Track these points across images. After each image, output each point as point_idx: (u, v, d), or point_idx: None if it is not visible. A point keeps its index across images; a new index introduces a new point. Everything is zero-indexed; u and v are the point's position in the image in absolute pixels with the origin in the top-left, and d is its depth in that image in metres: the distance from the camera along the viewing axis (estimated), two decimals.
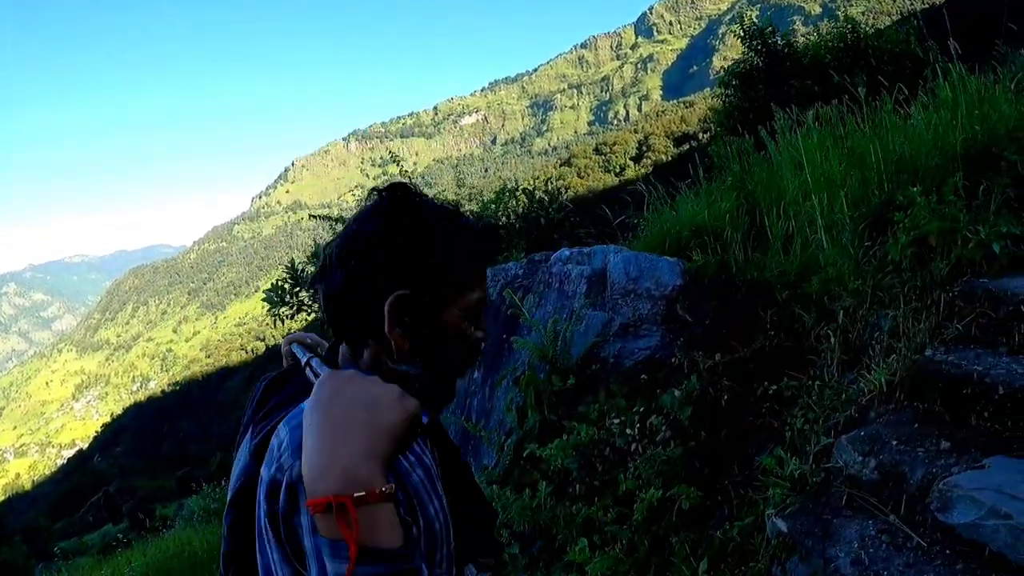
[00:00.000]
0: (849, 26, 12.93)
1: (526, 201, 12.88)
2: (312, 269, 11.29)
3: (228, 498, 1.50)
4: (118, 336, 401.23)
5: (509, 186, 13.22)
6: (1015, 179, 4.67)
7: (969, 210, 4.54)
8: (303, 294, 11.58)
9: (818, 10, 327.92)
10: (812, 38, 13.77)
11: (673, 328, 5.63)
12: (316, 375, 1.47)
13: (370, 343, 1.49)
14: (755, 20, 13.88)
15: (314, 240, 13.11)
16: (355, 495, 1.11)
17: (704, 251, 6.39)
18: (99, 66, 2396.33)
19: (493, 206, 12.62)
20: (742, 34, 13.51)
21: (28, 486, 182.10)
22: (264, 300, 11.95)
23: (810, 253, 5.42)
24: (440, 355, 1.51)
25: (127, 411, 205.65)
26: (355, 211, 1.58)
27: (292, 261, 11.98)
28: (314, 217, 12.85)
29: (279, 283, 11.82)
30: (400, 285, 1.42)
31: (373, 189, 1.54)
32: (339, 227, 11.53)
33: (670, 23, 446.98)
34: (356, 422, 1.19)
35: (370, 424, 1.19)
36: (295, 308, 11.71)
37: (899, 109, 6.63)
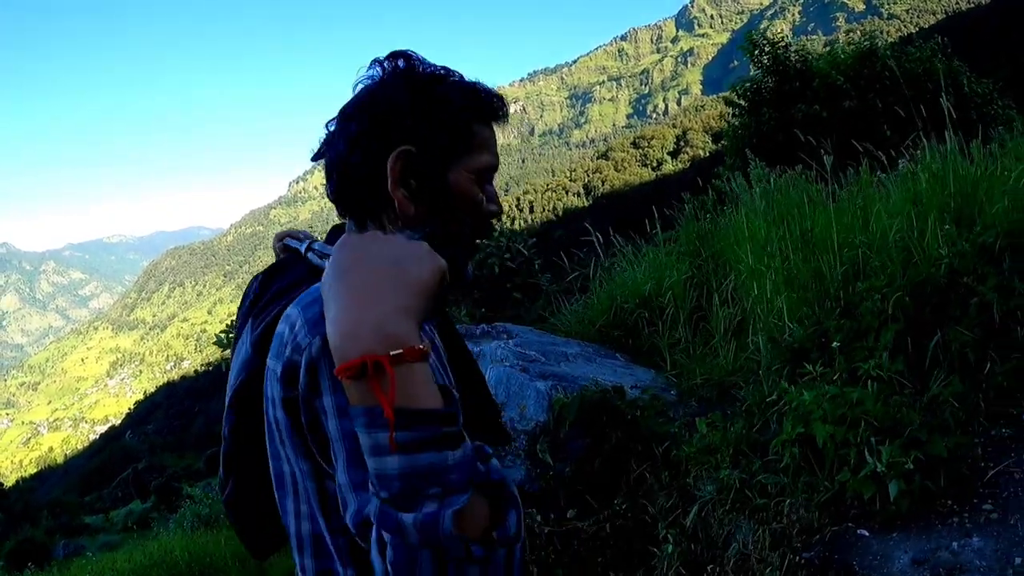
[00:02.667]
0: (866, 44, 12.11)
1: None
2: None
3: (227, 398, 1.45)
4: (154, 316, 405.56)
5: None
6: (983, 328, 3.86)
7: (909, 377, 3.87)
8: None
9: (862, 6, 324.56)
10: (826, 54, 12.79)
11: (539, 464, 4.88)
12: (322, 255, 1.40)
13: (376, 216, 1.40)
14: (765, 36, 12.72)
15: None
16: (391, 353, 1.00)
17: (645, 329, 6.09)
18: (149, 56, 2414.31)
19: None
20: (750, 48, 12.53)
21: (60, 460, 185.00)
22: (215, 344, 11.28)
23: (743, 362, 4.95)
24: (447, 219, 1.40)
25: (160, 389, 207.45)
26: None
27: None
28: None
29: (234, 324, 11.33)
30: (403, 141, 1.33)
31: (374, 59, 1.46)
32: None
33: (711, 17, 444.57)
34: (385, 278, 1.08)
35: (401, 279, 1.09)
36: None
37: (904, 155, 6.24)
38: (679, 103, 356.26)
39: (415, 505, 1.00)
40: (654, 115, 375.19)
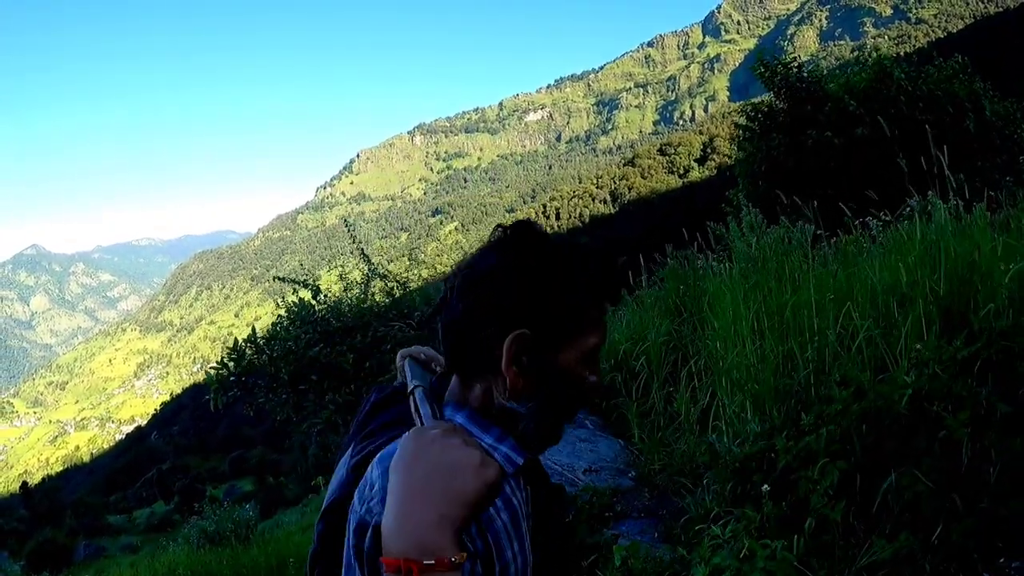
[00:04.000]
0: (881, 66, 11.59)
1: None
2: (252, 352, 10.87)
3: (323, 505, 1.53)
4: (181, 318, 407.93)
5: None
6: (947, 472, 3.28)
7: (856, 523, 3.39)
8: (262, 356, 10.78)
9: (889, 11, 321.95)
10: (839, 76, 12.30)
11: None
12: (417, 408, 1.47)
13: (483, 378, 1.44)
14: (776, 57, 12.40)
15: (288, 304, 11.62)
16: (424, 562, 1.16)
17: (622, 393, 5.81)
18: (181, 61, 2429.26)
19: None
20: (760, 70, 12.20)
21: (87, 459, 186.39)
22: (209, 385, 11.20)
23: (702, 455, 4.56)
24: (552, 397, 1.44)
25: (186, 391, 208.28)
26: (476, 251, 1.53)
27: (235, 340, 11.30)
28: (280, 279, 12.14)
29: (223, 362, 11.19)
30: (521, 324, 1.37)
31: (497, 226, 1.51)
32: (303, 291, 11.18)
33: (738, 23, 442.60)
34: (434, 487, 1.22)
35: (446, 491, 1.22)
36: (235, 394, 11.02)
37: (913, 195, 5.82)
38: (706, 109, 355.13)
39: None
40: (681, 122, 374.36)
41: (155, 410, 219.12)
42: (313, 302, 10.89)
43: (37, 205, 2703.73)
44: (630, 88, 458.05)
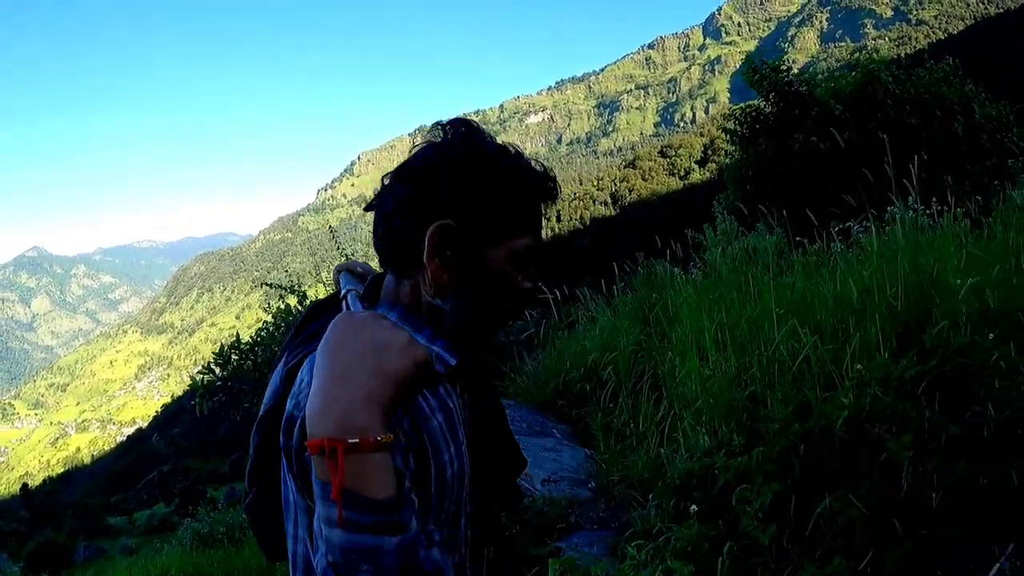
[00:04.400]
0: (870, 70, 11.36)
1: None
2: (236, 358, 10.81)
3: (258, 417, 1.53)
4: (182, 320, 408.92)
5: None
6: (886, 495, 3.15)
7: (790, 545, 3.25)
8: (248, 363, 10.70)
9: (889, 13, 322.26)
10: (827, 80, 12.09)
11: None
12: (349, 308, 1.47)
13: (413, 274, 1.44)
14: (765, 61, 12.07)
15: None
16: (348, 441, 1.12)
17: (591, 402, 5.72)
18: (182, 67, 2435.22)
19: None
20: (751, 75, 11.99)
21: (87, 460, 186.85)
22: (190, 384, 11.30)
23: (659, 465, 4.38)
24: (477, 293, 1.42)
25: (187, 393, 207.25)
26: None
27: (221, 346, 11.20)
28: (268, 285, 11.96)
29: (208, 367, 11.11)
30: (444, 215, 1.36)
31: (436, 123, 1.50)
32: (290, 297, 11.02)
33: (738, 24, 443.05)
34: (361, 367, 1.20)
35: (375, 369, 1.20)
36: (220, 399, 10.84)
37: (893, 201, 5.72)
38: (707, 111, 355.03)
39: (350, 575, 1.13)
40: (682, 124, 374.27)
41: (156, 412, 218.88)
42: (299, 308, 10.80)
43: (38, 207, 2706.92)
44: (631, 90, 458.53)
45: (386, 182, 1.47)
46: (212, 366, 10.86)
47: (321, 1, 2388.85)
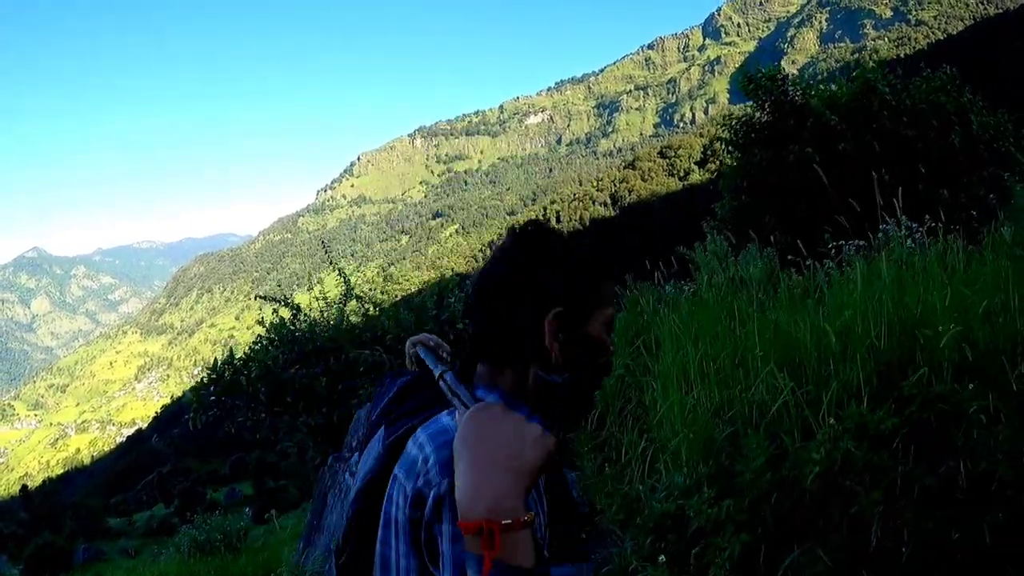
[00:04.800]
0: (866, 79, 11.09)
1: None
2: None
3: (357, 487, 1.71)
4: (182, 321, 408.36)
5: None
6: (855, 549, 3.10)
7: None
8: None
9: (889, 14, 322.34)
10: (823, 90, 11.74)
11: None
12: (452, 391, 1.61)
13: (515, 362, 1.63)
14: (761, 69, 11.80)
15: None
16: (502, 522, 1.28)
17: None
18: (182, 69, 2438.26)
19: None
20: (746, 84, 11.80)
21: (87, 461, 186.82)
22: (188, 404, 11.24)
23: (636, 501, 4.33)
24: (587, 363, 1.65)
25: (187, 394, 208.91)
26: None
27: (215, 360, 11.24)
28: (262, 298, 11.75)
29: (203, 381, 11.11)
30: (554, 304, 1.57)
31: (511, 227, 1.70)
32: (281, 308, 11.20)
33: (738, 25, 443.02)
34: (504, 459, 1.36)
35: (516, 461, 1.36)
36: (215, 413, 10.87)
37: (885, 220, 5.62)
38: (706, 112, 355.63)
39: None
40: (681, 124, 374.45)
41: (156, 413, 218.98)
42: (292, 322, 10.78)
43: (38, 208, 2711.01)
44: (630, 91, 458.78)
45: (479, 285, 1.66)
46: (206, 380, 10.85)
47: (321, 1, 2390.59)
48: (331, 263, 12.05)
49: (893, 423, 3.27)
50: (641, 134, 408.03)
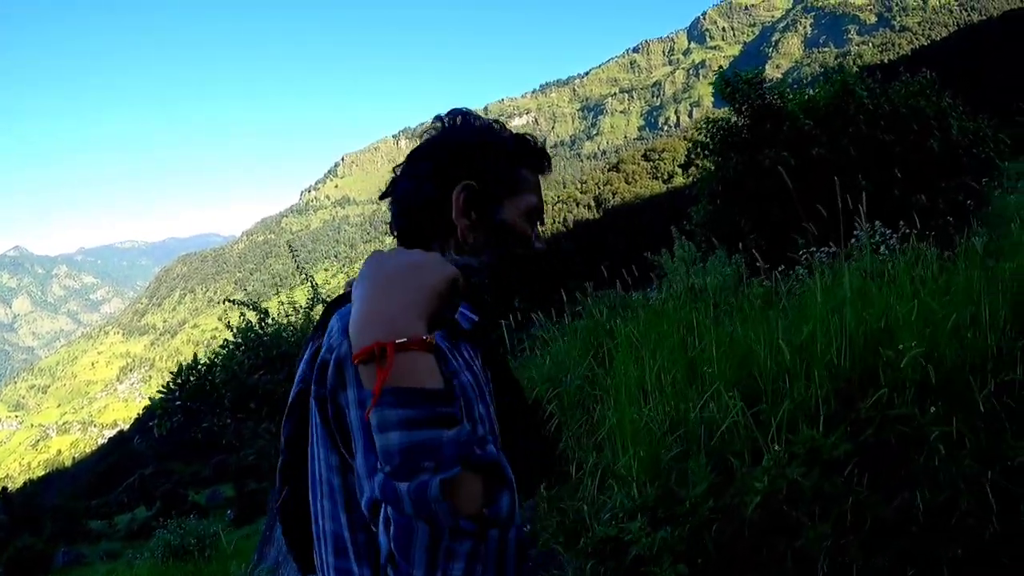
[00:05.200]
0: (844, 83, 10.97)
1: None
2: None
3: (286, 409, 1.50)
4: (164, 321, 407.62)
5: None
6: None
7: None
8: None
9: (873, 19, 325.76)
10: (799, 94, 11.70)
11: None
12: None
13: (436, 243, 1.56)
14: (739, 74, 11.61)
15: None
16: (396, 341, 1.13)
17: None
18: (167, 69, 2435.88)
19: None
20: (722, 87, 11.60)
21: (68, 463, 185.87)
22: (154, 410, 11.13)
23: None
24: (501, 248, 1.57)
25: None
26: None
27: (180, 365, 11.01)
28: (231, 301, 11.30)
29: (168, 387, 10.92)
30: (465, 178, 1.51)
31: (436, 116, 1.66)
32: (248, 312, 11.08)
33: (723, 29, 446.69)
34: (400, 282, 1.22)
35: (413, 281, 1.22)
36: (179, 419, 10.70)
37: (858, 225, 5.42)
38: (691, 115, 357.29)
39: (412, 477, 1.09)
40: (665, 127, 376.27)
41: (138, 414, 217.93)
42: (260, 326, 10.58)
43: (20, 207, 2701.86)
44: (615, 93, 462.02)
45: (398, 170, 1.63)
46: (171, 386, 10.66)
47: (306, 2, 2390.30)
48: (298, 268, 11.84)
49: (846, 449, 3.02)
50: (625, 137, 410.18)
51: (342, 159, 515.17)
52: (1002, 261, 4.46)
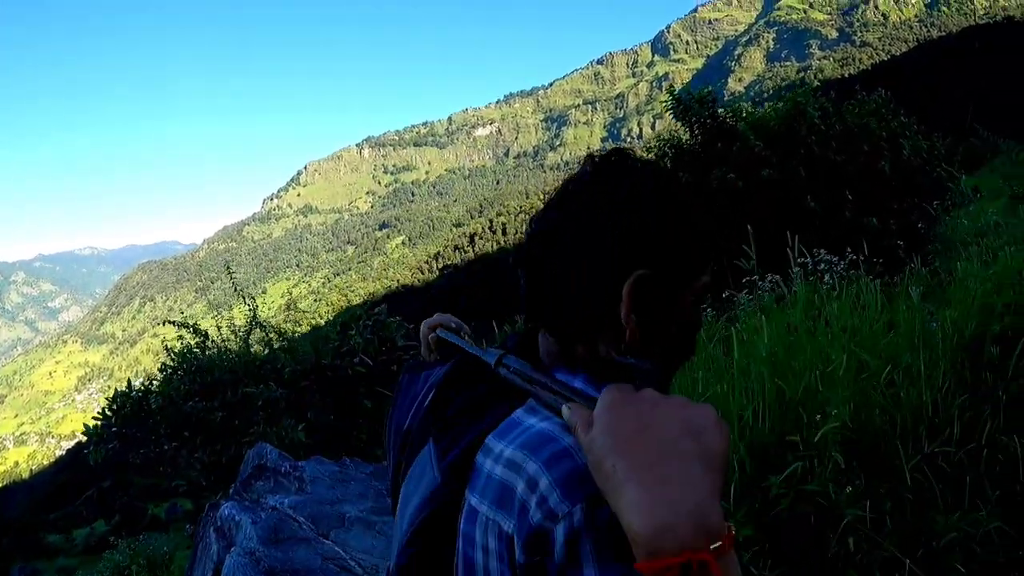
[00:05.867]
0: (796, 103, 10.70)
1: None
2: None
3: (406, 529, 1.22)
4: (123, 331, 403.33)
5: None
6: None
7: None
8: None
9: (835, 34, 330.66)
10: (752, 113, 11.35)
11: None
12: (527, 379, 1.14)
13: (587, 336, 1.19)
14: (692, 93, 11.36)
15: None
16: (711, 547, 0.81)
17: None
18: (129, 75, 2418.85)
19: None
20: (674, 104, 11.29)
21: (26, 475, 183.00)
22: (85, 433, 10.66)
23: None
24: (673, 345, 1.22)
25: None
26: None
27: (116, 391, 10.50)
28: (171, 323, 11.13)
29: (104, 413, 10.54)
30: (640, 264, 1.13)
31: (589, 155, 1.24)
32: (186, 333, 10.71)
33: (687, 42, 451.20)
34: (691, 455, 0.87)
35: (707, 456, 0.88)
36: (115, 446, 10.25)
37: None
38: (653, 127, 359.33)
39: None
40: (629, 139, 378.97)
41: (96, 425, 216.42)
42: (200, 347, 10.28)
43: None
44: (579, 105, 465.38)
45: (534, 227, 1.23)
46: (107, 412, 10.34)
47: (271, 8, 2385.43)
48: (234, 287, 11.57)
49: (746, 534, 2.70)
50: (588, 148, 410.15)
51: (305, 167, 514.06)
52: (942, 308, 4.20)
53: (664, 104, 11.80)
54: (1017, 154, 21.89)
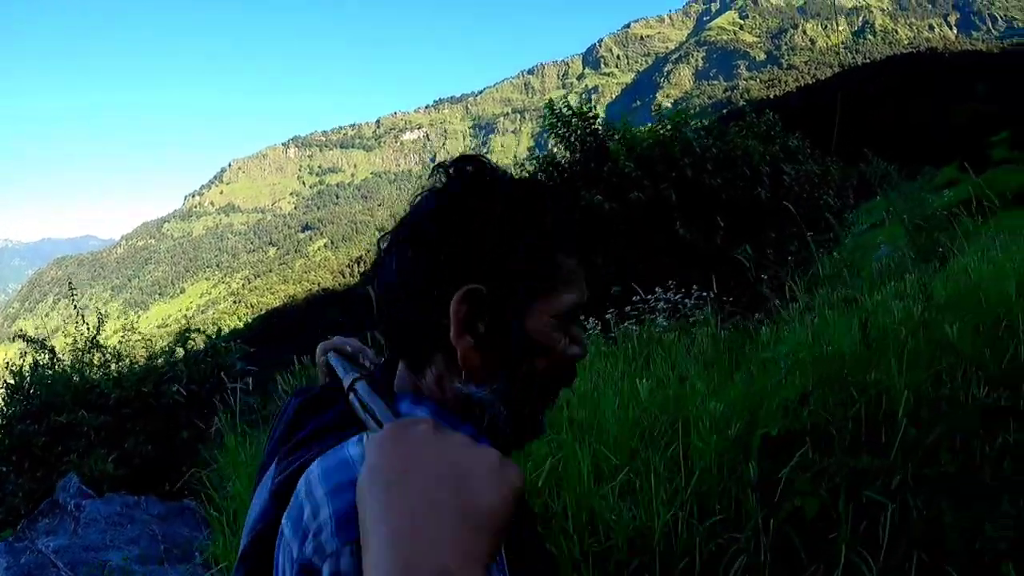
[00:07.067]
0: (675, 123, 10.49)
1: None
2: None
3: (241, 547, 1.07)
4: (36, 329, 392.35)
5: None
6: None
7: None
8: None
9: (763, 56, 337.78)
10: (625, 132, 11.00)
11: None
12: (364, 406, 1.03)
13: (432, 361, 1.07)
14: (571, 105, 11.32)
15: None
16: None
17: None
18: (45, 57, 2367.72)
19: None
20: (552, 120, 11.05)
21: None
22: None
23: None
24: (523, 376, 1.07)
25: None
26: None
27: None
28: (22, 337, 9.92)
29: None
30: (471, 278, 1.02)
31: (438, 165, 1.13)
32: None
33: (618, 57, 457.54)
34: (447, 509, 0.77)
35: (467, 511, 0.78)
36: None
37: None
38: None
39: None
40: (555, 149, 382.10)
41: None
42: (49, 366, 9.62)
43: None
44: (508, 113, 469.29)
45: (383, 245, 1.13)
46: None
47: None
48: (71, 297, 10.96)
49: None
50: (515, 157, 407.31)
51: (229, 164, 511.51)
52: (768, 376, 3.75)
53: (545, 119, 11.39)
54: (898, 184, 22.43)
